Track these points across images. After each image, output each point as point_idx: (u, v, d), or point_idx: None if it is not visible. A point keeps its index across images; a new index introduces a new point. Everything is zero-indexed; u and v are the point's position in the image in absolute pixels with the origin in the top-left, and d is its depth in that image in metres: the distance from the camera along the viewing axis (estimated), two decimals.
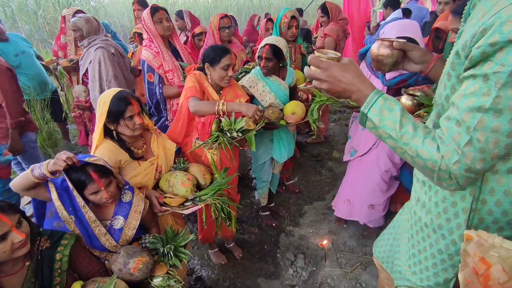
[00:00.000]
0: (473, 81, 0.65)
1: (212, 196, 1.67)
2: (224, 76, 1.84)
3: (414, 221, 1.00)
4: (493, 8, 0.63)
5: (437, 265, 0.92)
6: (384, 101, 0.76)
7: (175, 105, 2.42)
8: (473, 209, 0.80)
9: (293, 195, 3.03)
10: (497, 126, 0.63)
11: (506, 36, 0.58)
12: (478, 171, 0.69)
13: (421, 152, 0.72)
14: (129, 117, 1.54)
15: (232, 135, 1.63)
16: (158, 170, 1.76)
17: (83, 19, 2.42)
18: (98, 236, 1.41)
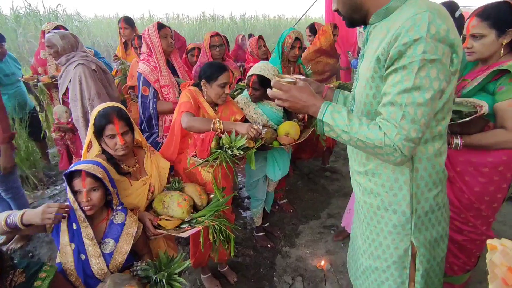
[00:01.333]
0: (396, 73, 0.87)
1: (210, 218, 1.57)
2: (221, 93, 1.80)
3: (366, 209, 1.15)
4: (393, 25, 0.88)
5: (394, 239, 1.08)
6: (333, 107, 0.96)
7: (167, 121, 2.34)
8: (411, 178, 1.01)
9: (287, 214, 2.94)
10: (419, 99, 0.84)
11: (411, 37, 0.82)
12: (415, 139, 0.87)
13: (368, 135, 0.90)
14: (109, 136, 1.45)
15: (233, 153, 1.56)
16: (151, 190, 1.66)
17: (57, 35, 2.23)
18: (90, 257, 1.28)
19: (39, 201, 3.11)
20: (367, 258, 1.18)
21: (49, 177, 3.56)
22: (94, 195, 1.30)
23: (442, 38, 0.82)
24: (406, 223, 1.04)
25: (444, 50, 0.83)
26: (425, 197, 1.03)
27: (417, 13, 0.83)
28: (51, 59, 2.95)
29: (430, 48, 0.81)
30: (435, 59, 0.82)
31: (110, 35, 12.34)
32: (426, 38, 0.81)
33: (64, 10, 10.11)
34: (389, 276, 1.11)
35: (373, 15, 0.97)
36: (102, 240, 1.35)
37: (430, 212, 1.05)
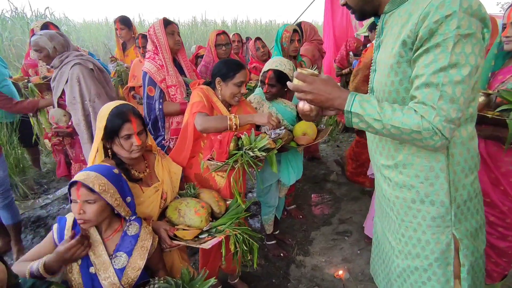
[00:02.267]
0: (427, 54, 0.83)
1: (231, 226, 1.43)
2: (237, 93, 1.67)
3: (399, 205, 1.06)
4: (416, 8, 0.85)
5: (435, 233, 1.00)
6: (361, 97, 0.91)
7: (174, 123, 2.20)
8: (448, 164, 0.95)
9: (297, 220, 2.82)
10: (457, 77, 0.80)
11: (443, 14, 0.79)
12: (455, 119, 0.82)
13: (404, 121, 0.84)
14: (125, 136, 1.31)
15: (255, 154, 1.43)
16: (163, 197, 1.51)
17: (45, 37, 2.00)
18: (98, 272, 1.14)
19: (29, 211, 2.89)
20: (404, 258, 1.08)
21: (40, 185, 3.34)
22: (89, 208, 1.12)
23: (474, 12, 0.79)
24: (446, 214, 0.98)
25: (477, 24, 0.80)
26: (462, 184, 0.97)
27: None
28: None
29: (463, 22, 0.78)
30: (469, 34, 0.79)
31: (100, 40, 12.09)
32: (459, 12, 0.77)
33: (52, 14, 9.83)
34: (431, 275, 1.02)
35: (388, 3, 0.94)
36: (113, 253, 1.20)
37: (468, 200, 0.99)
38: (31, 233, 2.65)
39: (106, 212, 1.18)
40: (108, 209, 1.18)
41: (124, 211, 1.21)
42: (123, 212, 1.20)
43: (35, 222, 2.76)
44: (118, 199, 1.17)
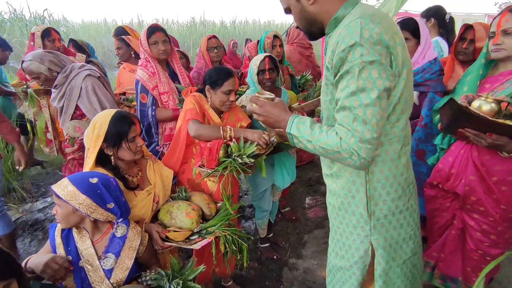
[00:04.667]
0: (342, 79, 0.91)
1: (221, 227, 1.47)
2: (226, 100, 1.72)
3: (330, 210, 1.21)
4: (336, 36, 0.93)
5: (355, 240, 1.12)
6: (299, 119, 1.02)
7: (167, 129, 2.23)
8: (367, 180, 1.04)
9: (291, 223, 2.85)
10: (366, 100, 0.86)
11: (347, 43, 0.86)
12: (370, 140, 0.88)
13: (327, 141, 0.93)
14: (132, 138, 1.36)
15: (243, 161, 1.47)
16: (155, 200, 1.55)
17: (35, 61, 1.87)
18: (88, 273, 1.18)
19: (27, 215, 2.91)
20: (334, 257, 1.23)
21: (38, 187, 3.37)
22: (59, 211, 1.18)
23: (376, 41, 0.85)
24: (364, 224, 1.08)
25: (381, 51, 0.86)
26: (383, 200, 1.05)
27: (351, 20, 0.89)
28: None
29: (366, 50, 0.84)
30: (374, 60, 0.85)
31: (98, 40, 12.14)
32: (360, 42, 0.84)
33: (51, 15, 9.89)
34: (352, 274, 1.15)
35: (327, 26, 1.02)
36: (102, 255, 1.23)
37: (390, 215, 1.07)
38: (29, 237, 2.68)
39: (76, 217, 1.20)
40: (79, 214, 1.19)
41: (103, 217, 1.22)
42: (101, 218, 1.21)
43: (32, 226, 2.79)
44: (92, 207, 1.17)
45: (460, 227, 1.66)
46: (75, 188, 1.15)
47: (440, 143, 1.66)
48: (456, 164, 1.58)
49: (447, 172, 1.61)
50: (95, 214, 1.18)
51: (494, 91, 1.49)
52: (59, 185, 1.17)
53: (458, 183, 1.58)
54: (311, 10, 1.00)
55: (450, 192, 1.64)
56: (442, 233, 1.74)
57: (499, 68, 1.53)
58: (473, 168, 1.52)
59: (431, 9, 2.87)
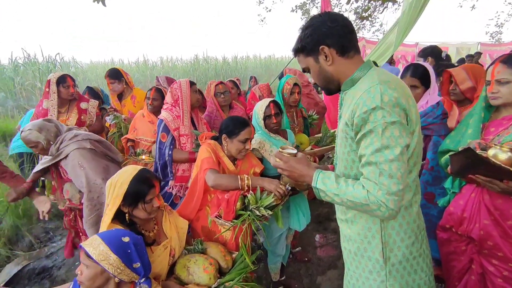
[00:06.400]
0: (365, 138, 0.99)
1: (239, 282, 1.46)
2: (242, 149, 1.78)
3: (346, 255, 1.25)
4: (356, 94, 1.02)
5: (371, 285, 1.15)
6: (324, 174, 1.09)
7: (180, 171, 2.32)
8: (382, 227, 1.10)
9: (303, 264, 2.80)
10: (391, 156, 0.95)
11: (369, 106, 0.96)
12: (396, 192, 0.95)
13: (354, 194, 0.99)
14: (149, 200, 1.39)
15: (261, 213, 1.50)
16: (171, 254, 1.56)
17: (34, 130, 1.90)
18: None
19: (34, 262, 2.88)
20: None
21: (46, 232, 3.36)
22: (85, 271, 1.17)
23: (395, 104, 0.95)
24: (380, 270, 1.12)
25: (400, 113, 0.96)
26: (397, 246, 1.10)
27: (370, 86, 0.98)
28: (53, 108, 2.84)
29: (387, 113, 0.95)
30: (395, 121, 0.95)
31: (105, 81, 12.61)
32: (381, 106, 0.94)
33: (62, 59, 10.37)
34: None
35: (343, 84, 1.12)
36: None
37: (404, 261, 1.11)
38: (36, 286, 2.63)
39: (103, 278, 1.19)
40: (106, 275, 1.19)
41: (128, 277, 1.22)
42: (126, 279, 1.21)
43: (39, 274, 2.75)
44: (120, 267, 1.18)
45: (480, 272, 1.63)
46: (107, 247, 1.16)
47: (450, 187, 1.68)
48: (468, 207, 1.59)
49: (459, 216, 1.61)
50: (121, 275, 1.19)
51: (500, 135, 1.54)
52: (91, 244, 1.17)
53: (472, 227, 1.58)
54: (329, 70, 1.10)
55: (464, 236, 1.63)
56: (461, 277, 1.70)
57: (501, 112, 1.58)
58: (486, 212, 1.53)
59: (427, 48, 3.02)
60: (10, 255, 2.91)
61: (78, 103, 2.95)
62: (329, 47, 1.07)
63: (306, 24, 1.11)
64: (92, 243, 1.18)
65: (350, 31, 1.08)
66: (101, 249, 1.16)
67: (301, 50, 1.12)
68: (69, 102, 2.91)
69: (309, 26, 1.08)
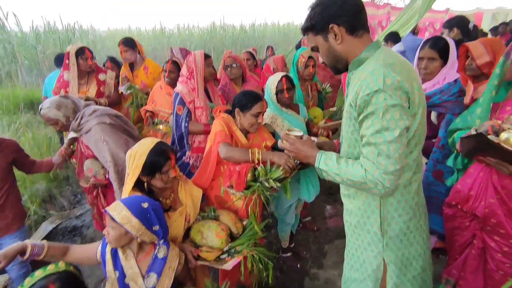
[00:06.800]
0: (367, 119, 1.03)
1: (248, 247, 1.59)
2: (254, 123, 1.83)
3: (347, 227, 1.33)
4: (361, 76, 1.05)
5: (369, 255, 1.23)
6: (326, 155, 1.17)
7: (196, 142, 2.43)
8: (381, 203, 1.16)
9: (312, 233, 2.94)
10: (389, 137, 0.99)
11: (372, 89, 0.98)
12: (393, 172, 1.00)
13: (354, 173, 1.06)
14: (165, 171, 1.49)
15: (270, 185, 1.58)
16: (186, 219, 1.69)
17: (52, 107, 1.94)
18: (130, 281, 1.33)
19: (66, 221, 3.18)
20: (349, 270, 1.35)
21: (74, 195, 3.65)
22: (111, 232, 1.31)
23: (397, 87, 0.98)
24: (378, 242, 1.20)
25: (402, 96, 0.99)
26: (395, 221, 1.17)
27: (374, 68, 1.01)
28: (73, 79, 2.91)
29: (389, 96, 0.97)
30: (396, 104, 0.98)
31: None
32: (383, 88, 0.97)
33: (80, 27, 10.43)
34: (365, 286, 1.27)
35: (350, 64, 1.14)
36: (146, 273, 1.38)
37: (401, 234, 1.18)
38: (69, 242, 2.93)
39: (127, 238, 1.34)
40: (129, 236, 1.33)
41: (148, 238, 1.36)
42: (147, 239, 1.35)
43: (71, 232, 3.05)
44: (141, 229, 1.31)
45: (481, 246, 1.68)
46: (129, 212, 1.29)
47: (452, 165, 1.69)
48: (475, 186, 1.61)
49: (466, 193, 1.64)
50: (143, 236, 1.32)
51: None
52: (115, 209, 1.30)
53: (477, 205, 1.61)
54: (338, 48, 1.12)
55: (469, 213, 1.67)
56: (462, 251, 1.77)
57: None
58: (493, 191, 1.55)
59: (453, 19, 2.85)
60: (45, 215, 3.22)
61: (97, 75, 3.03)
62: (338, 26, 1.07)
63: (315, 3, 1.10)
64: (116, 208, 1.30)
65: (360, 9, 1.08)
66: (123, 214, 1.29)
67: (311, 28, 1.12)
68: (88, 74, 2.99)
69: (319, 5, 1.09)
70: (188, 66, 2.32)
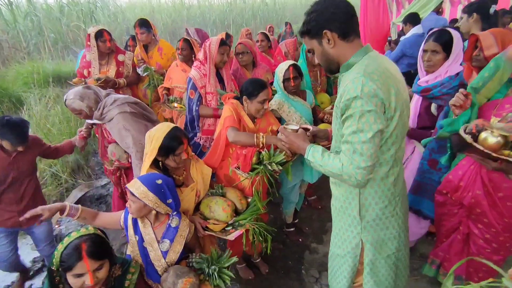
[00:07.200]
0: (347, 120, 1.17)
1: (250, 221, 1.80)
2: (260, 109, 1.98)
3: (333, 210, 1.51)
4: (347, 81, 1.18)
5: (349, 236, 1.41)
6: (314, 148, 1.34)
7: (206, 125, 2.60)
8: (360, 192, 1.32)
9: (316, 211, 3.13)
10: (363, 138, 1.13)
11: (351, 95, 1.12)
12: (365, 167, 1.15)
13: (333, 165, 1.23)
14: (178, 154, 1.69)
15: (272, 168, 1.76)
16: (197, 194, 1.91)
17: (76, 99, 2.07)
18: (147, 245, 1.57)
19: (93, 190, 3.52)
20: (333, 246, 1.55)
21: (100, 166, 3.98)
22: (133, 205, 1.52)
23: (373, 95, 1.10)
24: (357, 224, 1.37)
25: (377, 103, 1.11)
26: (372, 208, 1.33)
27: (355, 77, 1.13)
28: (95, 60, 3.05)
29: (365, 102, 1.10)
30: (370, 110, 1.11)
31: None
32: (360, 96, 1.10)
33: None
34: (345, 262, 1.46)
35: (341, 67, 1.26)
36: (161, 239, 1.62)
37: (377, 219, 1.35)
38: (96, 208, 3.29)
39: (146, 209, 1.55)
40: (148, 208, 1.55)
41: (163, 210, 1.57)
42: (162, 211, 1.57)
43: (98, 199, 3.40)
44: (157, 202, 1.52)
45: (466, 232, 1.82)
46: (146, 188, 1.50)
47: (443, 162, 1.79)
48: (465, 177, 1.72)
49: (456, 184, 1.75)
50: (158, 208, 1.54)
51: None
52: (134, 186, 1.52)
53: (465, 195, 1.72)
54: (330, 52, 1.24)
55: (457, 201, 1.79)
56: (449, 235, 1.91)
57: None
58: (481, 183, 1.66)
59: (474, 4, 2.76)
60: (74, 183, 3.57)
61: (116, 55, 3.15)
62: (331, 31, 1.18)
63: (311, 9, 1.21)
64: (135, 185, 1.52)
65: (351, 16, 1.18)
66: (141, 190, 1.50)
67: (307, 33, 1.24)
68: (107, 55, 3.13)
69: (314, 11, 1.19)
70: (204, 51, 2.42)
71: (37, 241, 2.32)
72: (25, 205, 2.13)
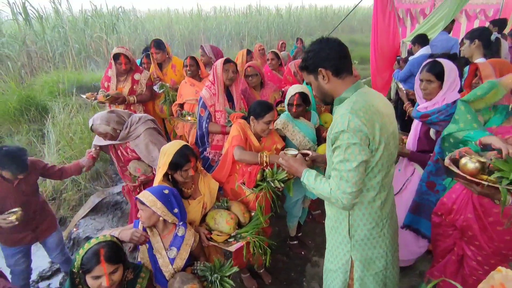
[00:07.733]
0: (336, 150, 1.31)
1: (252, 234, 1.93)
2: (266, 129, 2.12)
3: (326, 228, 1.62)
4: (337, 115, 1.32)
5: (340, 252, 1.52)
6: (309, 173, 1.49)
7: (215, 140, 2.77)
8: (350, 213, 1.44)
9: (319, 225, 3.22)
10: (349, 167, 1.27)
11: (339, 129, 1.26)
12: (350, 193, 1.28)
13: (323, 189, 1.37)
14: (185, 170, 1.85)
15: (275, 185, 1.89)
16: (204, 207, 2.05)
17: (102, 124, 2.22)
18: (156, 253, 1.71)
19: (109, 197, 3.73)
20: (327, 261, 1.65)
21: (116, 174, 4.20)
22: (143, 214, 1.67)
23: (358, 130, 1.24)
24: (347, 243, 1.48)
25: (362, 137, 1.24)
26: (360, 228, 1.44)
27: (343, 113, 1.27)
28: (113, 77, 3.26)
29: (351, 136, 1.24)
30: (356, 142, 1.24)
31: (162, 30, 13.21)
32: (347, 130, 1.24)
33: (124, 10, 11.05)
34: (337, 276, 1.57)
35: (335, 100, 1.41)
36: (168, 247, 1.77)
37: (366, 238, 1.45)
38: (111, 214, 3.49)
39: (155, 217, 1.69)
40: (156, 216, 1.69)
41: (170, 219, 1.72)
42: (169, 219, 1.71)
43: (113, 206, 3.60)
44: (164, 211, 1.67)
45: (460, 253, 1.88)
46: (155, 197, 1.67)
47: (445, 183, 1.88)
48: (458, 201, 1.80)
49: (449, 206, 1.83)
50: (166, 217, 1.70)
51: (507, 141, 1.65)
52: (144, 196, 1.68)
53: (458, 217, 1.80)
54: (325, 87, 1.39)
55: (451, 223, 1.86)
56: (444, 255, 1.98)
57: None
58: (472, 207, 1.73)
59: (476, 30, 2.85)
60: (93, 189, 3.79)
61: (133, 74, 3.33)
62: (325, 69, 1.33)
63: (309, 48, 1.36)
64: (144, 195, 1.68)
65: (344, 56, 1.33)
66: (150, 198, 1.66)
67: (305, 68, 1.39)
68: (127, 72, 3.30)
69: (311, 51, 1.34)
70: (213, 72, 2.61)
71: (50, 250, 2.50)
72: (37, 220, 2.29)
